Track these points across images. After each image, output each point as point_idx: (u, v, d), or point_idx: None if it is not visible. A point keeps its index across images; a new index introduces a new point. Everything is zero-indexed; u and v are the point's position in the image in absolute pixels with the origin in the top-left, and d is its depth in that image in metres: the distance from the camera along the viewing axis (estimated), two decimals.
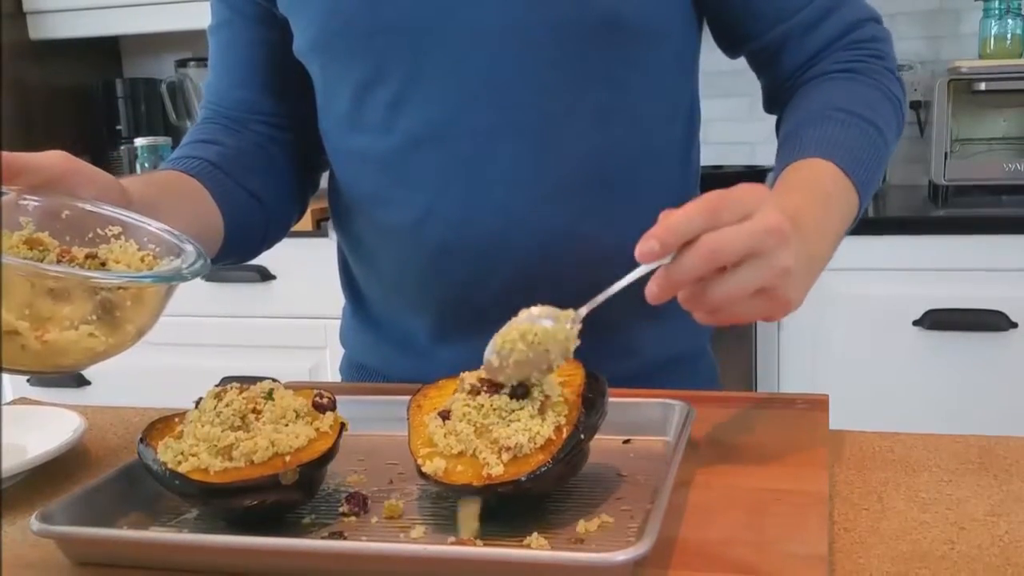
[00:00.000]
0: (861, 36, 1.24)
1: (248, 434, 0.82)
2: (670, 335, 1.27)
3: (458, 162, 1.16)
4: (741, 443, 0.99)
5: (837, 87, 1.21)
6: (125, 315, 0.85)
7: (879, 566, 0.75)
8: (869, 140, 1.15)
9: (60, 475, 1.02)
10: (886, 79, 1.24)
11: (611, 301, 1.20)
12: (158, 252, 0.93)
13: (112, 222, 0.94)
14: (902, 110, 1.25)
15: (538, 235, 1.16)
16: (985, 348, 2.55)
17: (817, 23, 1.22)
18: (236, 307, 2.97)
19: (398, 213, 1.22)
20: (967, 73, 2.75)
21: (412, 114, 1.17)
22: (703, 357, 1.35)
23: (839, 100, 1.18)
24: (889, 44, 1.28)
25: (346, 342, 1.42)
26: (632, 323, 1.22)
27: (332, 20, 1.18)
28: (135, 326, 0.87)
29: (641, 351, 1.25)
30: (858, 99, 1.18)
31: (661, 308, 1.23)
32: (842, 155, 1.11)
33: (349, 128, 1.23)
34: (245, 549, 0.76)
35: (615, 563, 0.69)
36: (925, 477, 0.91)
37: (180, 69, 3.62)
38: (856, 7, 1.25)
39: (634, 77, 1.17)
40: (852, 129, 1.14)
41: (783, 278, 0.91)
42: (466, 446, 0.82)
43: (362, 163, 1.24)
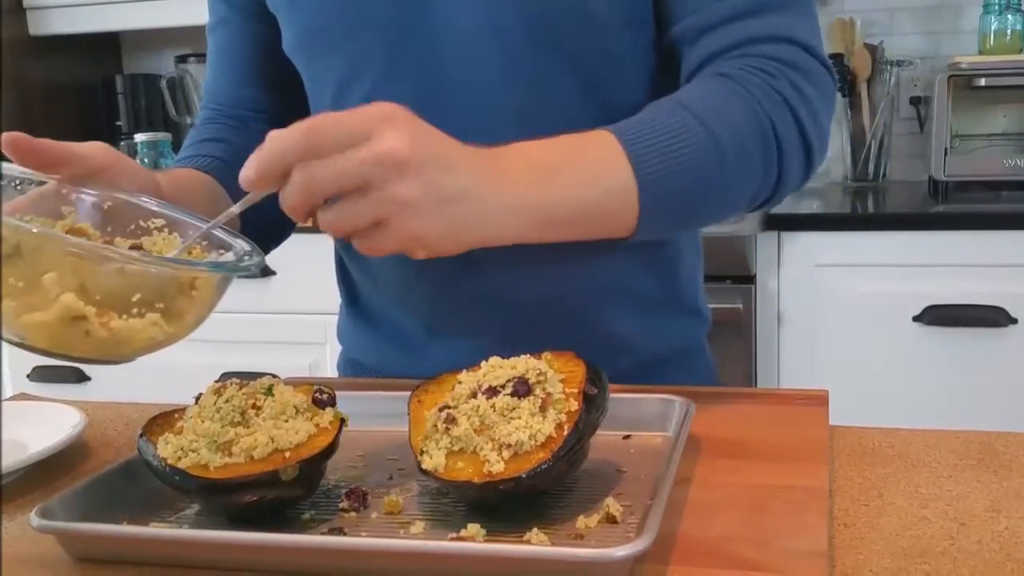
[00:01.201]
0: (765, 51, 1.08)
1: (248, 430, 0.82)
2: (664, 330, 1.26)
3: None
4: (741, 439, 0.99)
5: (694, 86, 1.09)
6: (185, 305, 0.85)
7: (879, 562, 0.75)
8: (680, 129, 1.01)
9: (60, 471, 1.02)
10: (763, 94, 1.05)
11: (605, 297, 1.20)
12: (206, 246, 0.93)
13: (154, 215, 0.95)
14: (775, 135, 1.05)
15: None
16: (985, 344, 2.55)
17: (717, 25, 1.10)
18: (236, 303, 2.97)
19: None
20: (967, 69, 2.76)
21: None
22: (699, 354, 1.35)
23: (682, 95, 1.06)
24: (809, 77, 1.08)
25: (342, 339, 1.42)
26: (624, 319, 1.22)
27: (314, 17, 1.18)
28: (194, 316, 0.87)
29: (635, 348, 1.24)
30: (703, 98, 1.05)
31: (654, 304, 1.23)
32: (630, 127, 1.01)
33: None
34: (245, 545, 0.76)
35: (615, 559, 0.69)
36: (925, 473, 0.91)
37: (180, 65, 3.62)
38: (779, 22, 1.10)
39: (609, 69, 1.15)
40: (667, 117, 1.03)
41: (397, 209, 0.86)
42: (467, 443, 0.82)
43: None
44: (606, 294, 1.20)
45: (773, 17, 1.09)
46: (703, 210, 1.07)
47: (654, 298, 1.23)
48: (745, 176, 1.05)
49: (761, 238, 2.63)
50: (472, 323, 1.20)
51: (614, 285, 1.20)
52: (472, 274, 1.18)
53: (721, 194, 1.06)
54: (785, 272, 2.65)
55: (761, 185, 1.07)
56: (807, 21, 1.12)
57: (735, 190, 1.06)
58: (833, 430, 1.02)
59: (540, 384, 0.84)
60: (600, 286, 1.19)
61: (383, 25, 1.14)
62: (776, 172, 1.07)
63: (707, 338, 1.37)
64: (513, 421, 0.81)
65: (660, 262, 1.23)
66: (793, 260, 2.65)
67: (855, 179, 3.21)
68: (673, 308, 1.27)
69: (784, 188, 1.09)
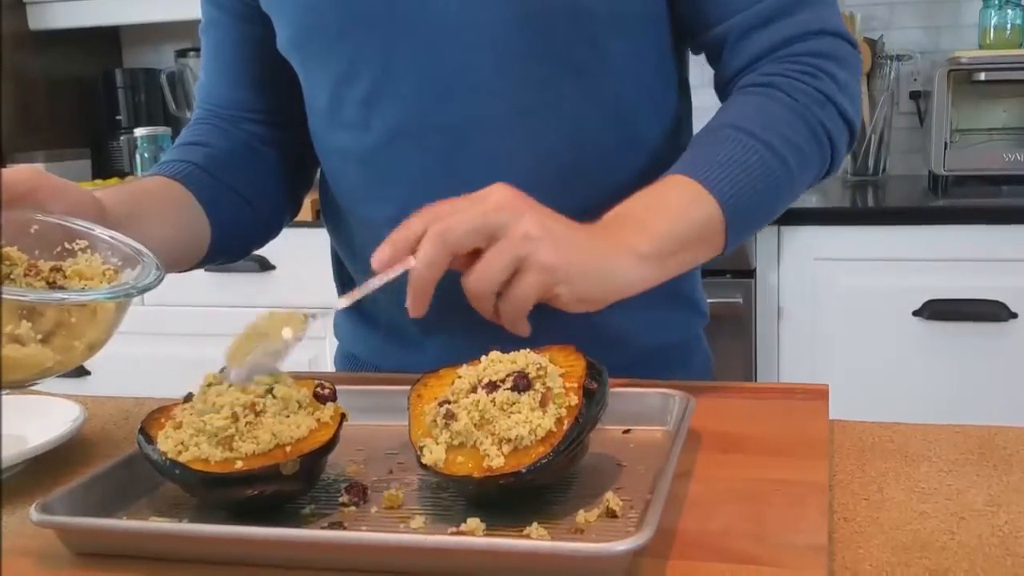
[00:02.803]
0: (802, 49, 1.15)
1: (249, 424, 0.82)
2: (661, 323, 1.26)
3: (434, 157, 1.16)
4: (741, 433, 0.99)
5: (743, 102, 1.15)
6: (74, 332, 0.87)
7: (879, 556, 0.75)
8: (745, 152, 1.08)
9: (60, 465, 1.02)
10: (809, 99, 1.13)
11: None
12: (120, 265, 0.95)
13: (80, 236, 0.96)
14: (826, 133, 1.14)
15: None
16: (985, 338, 2.55)
17: (756, 28, 1.15)
18: (236, 297, 2.97)
19: (379, 208, 1.22)
20: (967, 63, 2.76)
21: (386, 110, 1.17)
22: (697, 347, 1.35)
23: (734, 116, 1.12)
24: (841, 63, 1.16)
25: (339, 334, 1.42)
26: (620, 311, 1.22)
27: (307, 16, 1.18)
28: (86, 342, 0.88)
29: (632, 340, 1.24)
30: (756, 116, 1.12)
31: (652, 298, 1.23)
32: (699, 165, 1.08)
33: (329, 125, 1.24)
34: (245, 539, 0.76)
35: (615, 553, 0.69)
36: (925, 467, 0.91)
37: (180, 59, 3.62)
38: (810, 18, 1.16)
39: (607, 67, 1.16)
40: (729, 144, 1.09)
41: (527, 244, 0.92)
42: (467, 438, 0.82)
43: (343, 160, 1.25)
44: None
45: (804, 14, 1.15)
46: (775, 212, 1.15)
47: (652, 292, 1.23)
48: (807, 175, 1.14)
49: (761, 232, 2.63)
50: (468, 318, 1.20)
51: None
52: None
53: (789, 197, 1.14)
54: (785, 266, 2.65)
55: (817, 175, 1.17)
56: (832, 8, 1.19)
57: (799, 189, 1.15)
58: (833, 424, 1.02)
59: (540, 379, 0.84)
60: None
61: (378, 23, 1.14)
62: (829, 160, 1.17)
63: (705, 332, 1.37)
64: (513, 416, 0.81)
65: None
66: (793, 254, 2.65)
67: (855, 173, 3.21)
68: (671, 302, 1.27)
69: (835, 168, 1.20)
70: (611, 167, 1.19)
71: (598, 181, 1.18)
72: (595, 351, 0.93)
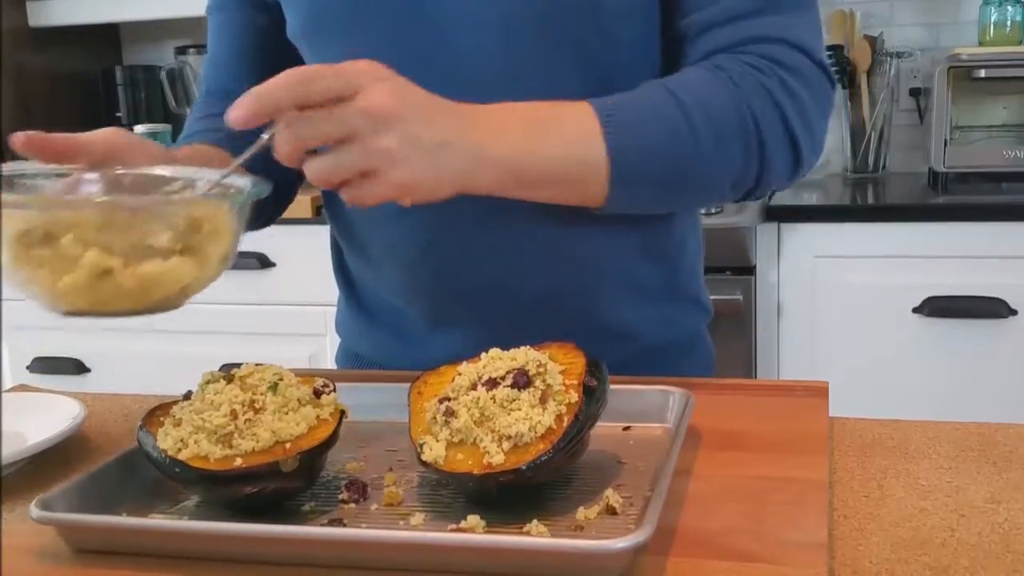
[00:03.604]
0: (758, 51, 1.09)
1: (248, 422, 0.82)
2: (665, 319, 1.26)
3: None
4: (741, 430, 0.99)
5: (688, 72, 1.10)
6: (205, 243, 0.86)
7: (879, 553, 0.75)
8: (657, 110, 1.04)
9: (60, 462, 1.02)
10: (751, 91, 1.06)
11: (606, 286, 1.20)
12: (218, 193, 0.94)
13: (171, 180, 0.96)
14: (757, 132, 1.06)
15: (526, 218, 1.15)
16: (985, 335, 2.55)
17: (719, 25, 1.11)
18: (235, 294, 2.97)
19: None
20: (967, 60, 2.75)
21: None
22: (700, 343, 1.35)
23: (674, 80, 1.09)
24: (803, 80, 1.09)
25: (341, 331, 1.41)
26: (624, 307, 1.22)
27: (317, 4, 1.18)
28: (217, 253, 0.88)
29: (635, 336, 1.24)
30: (690, 86, 1.07)
31: (656, 293, 1.23)
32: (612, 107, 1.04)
33: None
34: (245, 536, 0.76)
35: (615, 550, 0.69)
36: (925, 464, 0.91)
37: (180, 56, 3.61)
38: (777, 23, 1.10)
39: (618, 58, 1.14)
40: (650, 100, 1.05)
41: (381, 159, 0.91)
42: (466, 435, 0.82)
43: None
44: (607, 283, 1.20)
45: (774, 18, 1.10)
46: (674, 191, 1.10)
47: (656, 287, 1.23)
48: (720, 164, 1.07)
49: (761, 229, 2.63)
50: (473, 314, 1.20)
51: (616, 274, 1.20)
52: (475, 267, 1.17)
53: (693, 178, 1.08)
54: (785, 263, 2.65)
55: (741, 175, 1.09)
56: (808, 23, 1.13)
57: (709, 177, 1.08)
58: (833, 422, 1.02)
59: (540, 376, 0.84)
60: (602, 275, 1.19)
61: (387, 11, 1.13)
62: (757, 165, 1.08)
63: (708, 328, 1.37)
64: (513, 413, 0.81)
65: (663, 252, 1.23)
66: (793, 251, 2.65)
67: (855, 170, 3.21)
68: (675, 297, 1.27)
69: (767, 180, 1.10)
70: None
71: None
72: (598, 346, 0.93)
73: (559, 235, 1.15)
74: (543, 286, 1.18)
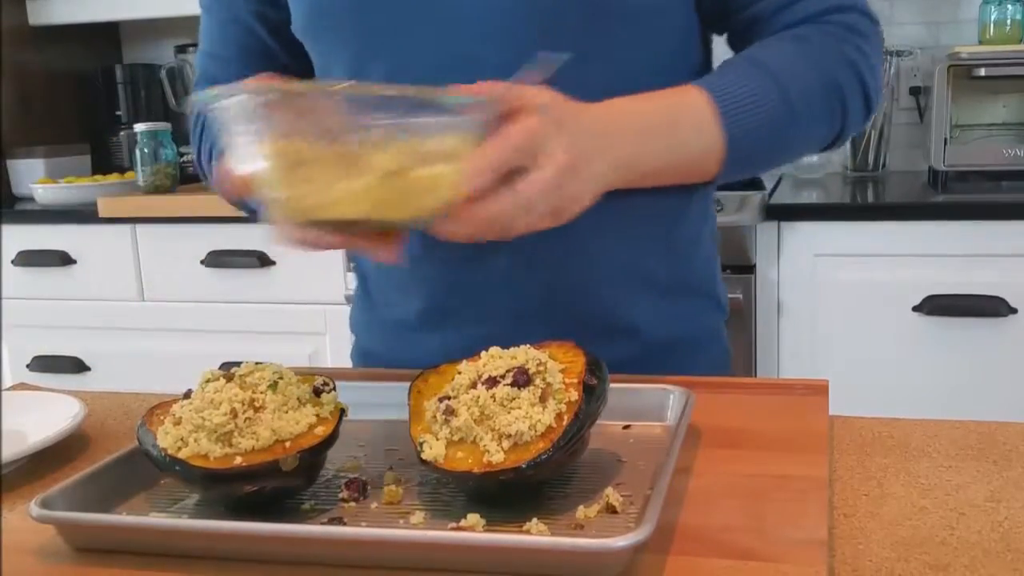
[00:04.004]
0: (833, 20, 1.17)
1: (248, 420, 0.82)
2: (677, 315, 1.26)
3: None
4: (741, 429, 0.99)
5: (776, 46, 1.16)
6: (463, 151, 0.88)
7: (879, 551, 0.75)
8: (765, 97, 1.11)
9: (60, 461, 1.02)
10: (834, 60, 1.15)
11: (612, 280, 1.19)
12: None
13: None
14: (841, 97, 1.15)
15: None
16: (984, 334, 2.55)
17: (786, 7, 1.17)
18: (235, 293, 2.97)
19: None
20: (967, 59, 2.75)
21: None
22: (714, 340, 1.34)
23: (766, 56, 1.14)
24: (867, 39, 1.18)
25: (354, 328, 1.41)
26: (634, 302, 1.21)
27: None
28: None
29: (644, 332, 1.23)
30: (783, 63, 1.14)
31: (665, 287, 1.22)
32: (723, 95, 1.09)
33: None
34: (245, 535, 0.76)
35: (615, 549, 0.69)
36: (925, 463, 0.91)
37: (180, 55, 3.62)
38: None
39: (634, 55, 1.14)
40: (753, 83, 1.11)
41: (573, 204, 0.96)
42: (466, 433, 0.82)
43: None
44: (617, 278, 1.20)
45: None
46: (773, 161, 1.19)
47: (667, 283, 1.22)
48: (812, 132, 1.16)
49: (761, 228, 2.63)
50: (469, 315, 1.20)
51: (625, 269, 1.19)
52: (477, 264, 1.17)
53: (790, 148, 1.18)
54: (785, 262, 2.65)
55: (827, 137, 1.18)
56: None
57: (802, 144, 1.19)
58: (833, 420, 1.02)
59: (540, 374, 0.84)
60: (611, 270, 1.19)
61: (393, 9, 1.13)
62: (840, 125, 1.17)
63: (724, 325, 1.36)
64: (513, 411, 0.81)
65: (675, 246, 1.23)
66: (793, 250, 2.65)
67: (855, 169, 3.21)
68: (687, 293, 1.26)
69: (846, 136, 1.21)
70: None
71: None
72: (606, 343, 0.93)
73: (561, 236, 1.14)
74: (550, 281, 1.18)
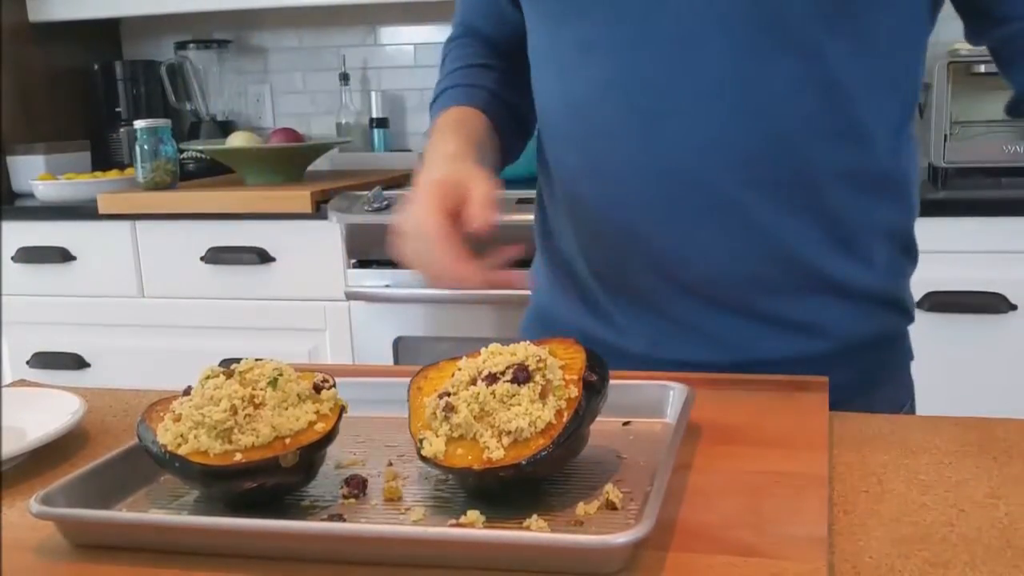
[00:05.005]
0: None
1: (248, 417, 0.82)
2: (857, 318, 1.22)
3: (640, 113, 1.13)
4: (741, 425, 0.99)
5: None
6: None
7: (879, 548, 0.75)
8: None
9: (59, 457, 1.02)
10: None
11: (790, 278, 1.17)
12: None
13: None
14: None
15: (705, 199, 1.13)
16: (985, 330, 2.55)
17: None
18: (235, 289, 2.97)
19: (578, 159, 1.21)
20: (967, 55, 2.75)
21: (600, 58, 1.15)
22: (898, 345, 1.29)
23: None
24: None
25: (537, 293, 1.40)
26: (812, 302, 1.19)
27: None
28: None
29: (823, 332, 1.20)
30: None
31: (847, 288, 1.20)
32: None
33: (544, 66, 1.24)
34: (245, 531, 0.76)
35: (615, 545, 0.69)
36: (925, 459, 0.91)
37: (180, 51, 3.62)
38: None
39: (837, 46, 1.11)
40: None
41: None
42: (466, 430, 0.82)
43: (551, 104, 1.24)
44: (795, 276, 1.18)
45: None
46: None
47: (848, 284, 1.19)
48: None
49: None
50: (647, 297, 1.19)
51: (805, 268, 1.17)
52: (639, 247, 1.18)
53: None
54: None
55: None
56: None
57: None
58: (833, 416, 1.02)
59: (540, 371, 0.84)
60: (790, 268, 1.17)
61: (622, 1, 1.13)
62: None
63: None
64: (513, 408, 0.81)
65: (856, 247, 1.19)
66: None
67: None
68: (868, 297, 1.22)
69: None
70: (821, 155, 1.13)
71: (800, 165, 1.13)
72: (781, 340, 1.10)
73: (730, 222, 1.13)
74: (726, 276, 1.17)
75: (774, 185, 1.12)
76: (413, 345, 2.82)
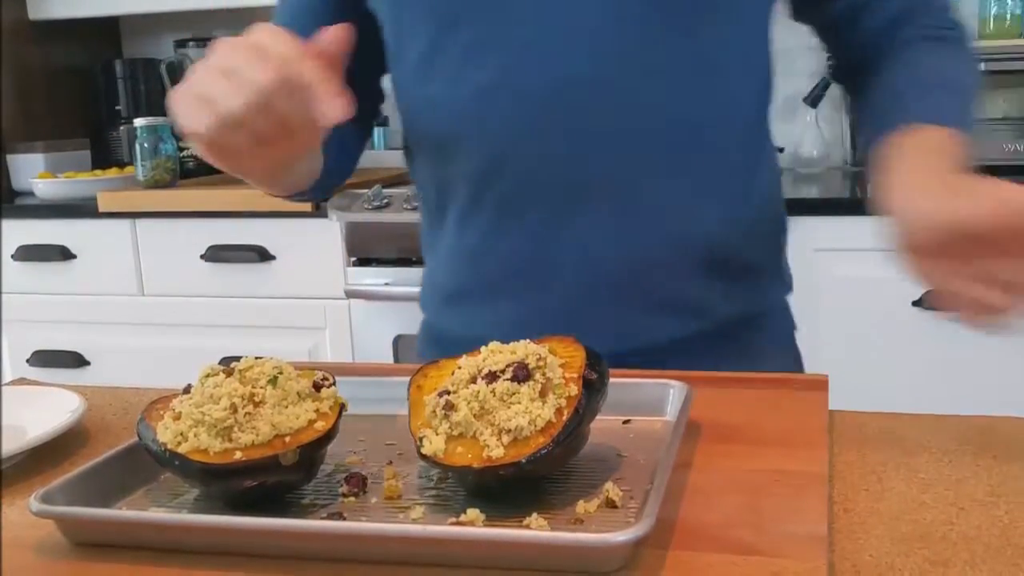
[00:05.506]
0: (939, 3, 1.24)
1: (248, 415, 0.82)
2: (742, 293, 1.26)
3: (529, 113, 1.13)
4: (741, 424, 0.99)
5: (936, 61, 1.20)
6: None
7: (878, 546, 0.75)
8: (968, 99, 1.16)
9: (59, 456, 1.02)
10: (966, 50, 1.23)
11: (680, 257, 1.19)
12: None
13: None
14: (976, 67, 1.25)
15: (611, 187, 1.15)
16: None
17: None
18: (235, 287, 2.97)
19: (465, 163, 1.20)
20: None
21: (489, 60, 1.14)
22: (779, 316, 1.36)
23: (941, 70, 1.18)
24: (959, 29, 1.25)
25: (425, 307, 1.42)
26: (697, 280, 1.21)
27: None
28: None
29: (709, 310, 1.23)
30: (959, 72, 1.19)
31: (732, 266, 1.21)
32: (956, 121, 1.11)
33: (422, 76, 1.21)
34: (244, 530, 0.76)
35: (615, 544, 0.69)
36: (925, 457, 0.91)
37: (179, 49, 3.61)
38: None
39: (712, 29, 1.14)
40: (957, 100, 1.15)
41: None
42: (466, 428, 0.82)
43: (432, 111, 1.22)
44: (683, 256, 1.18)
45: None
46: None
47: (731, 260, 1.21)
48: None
49: None
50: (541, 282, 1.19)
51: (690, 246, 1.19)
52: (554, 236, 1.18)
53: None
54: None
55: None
56: None
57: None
58: (832, 415, 1.02)
59: (540, 369, 0.84)
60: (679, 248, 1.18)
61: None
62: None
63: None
64: (513, 406, 0.81)
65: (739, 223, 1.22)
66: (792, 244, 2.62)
67: (854, 163, 3.21)
68: (752, 271, 1.27)
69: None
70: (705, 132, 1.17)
71: (689, 144, 1.16)
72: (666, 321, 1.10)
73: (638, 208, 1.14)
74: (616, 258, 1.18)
75: (668, 165, 1.15)
76: (413, 343, 2.82)
